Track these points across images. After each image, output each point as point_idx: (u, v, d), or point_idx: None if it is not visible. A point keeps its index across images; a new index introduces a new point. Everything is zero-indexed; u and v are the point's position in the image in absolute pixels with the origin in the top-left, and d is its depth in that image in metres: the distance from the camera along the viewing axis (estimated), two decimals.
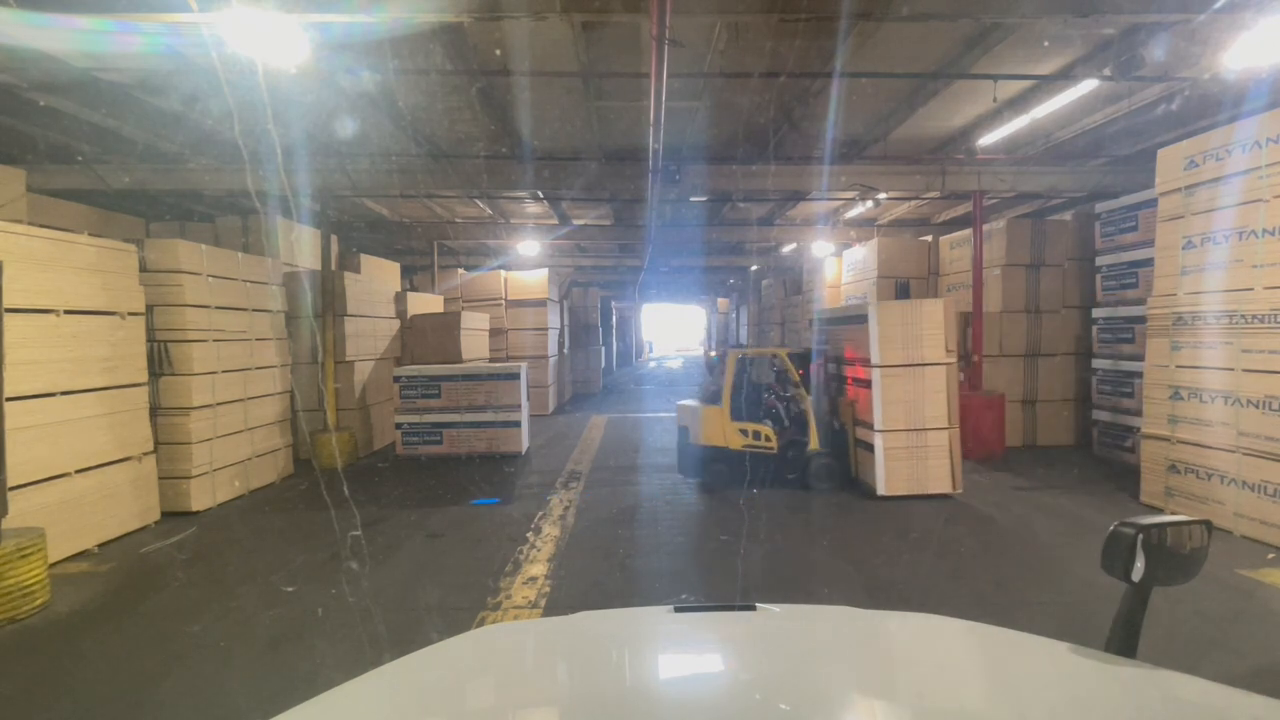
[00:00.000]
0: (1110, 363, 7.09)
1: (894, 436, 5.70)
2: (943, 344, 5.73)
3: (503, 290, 12.12)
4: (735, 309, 22.12)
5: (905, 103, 6.05)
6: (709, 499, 5.99)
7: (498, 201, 10.39)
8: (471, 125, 6.60)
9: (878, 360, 5.64)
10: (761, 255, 15.83)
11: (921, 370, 5.72)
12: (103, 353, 4.93)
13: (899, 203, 10.62)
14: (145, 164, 7.38)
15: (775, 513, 5.45)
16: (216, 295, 6.01)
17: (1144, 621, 1.00)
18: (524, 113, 6.19)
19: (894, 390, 5.70)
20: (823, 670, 1.02)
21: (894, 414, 5.69)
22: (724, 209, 10.84)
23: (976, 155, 6.99)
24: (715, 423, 6.17)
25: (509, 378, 8.02)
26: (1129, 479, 6.05)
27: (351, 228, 11.50)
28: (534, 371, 11.81)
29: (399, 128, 6.73)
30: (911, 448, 5.71)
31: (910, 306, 5.96)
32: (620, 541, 4.90)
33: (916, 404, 5.71)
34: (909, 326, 5.71)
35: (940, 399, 5.72)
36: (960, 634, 1.18)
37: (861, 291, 10.48)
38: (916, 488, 5.69)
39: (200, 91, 5.79)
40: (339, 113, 6.38)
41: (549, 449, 8.68)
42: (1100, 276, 7.26)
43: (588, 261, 16.16)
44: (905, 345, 5.69)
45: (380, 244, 12.68)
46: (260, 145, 7.29)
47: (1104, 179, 7.64)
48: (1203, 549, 1.01)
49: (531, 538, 4.90)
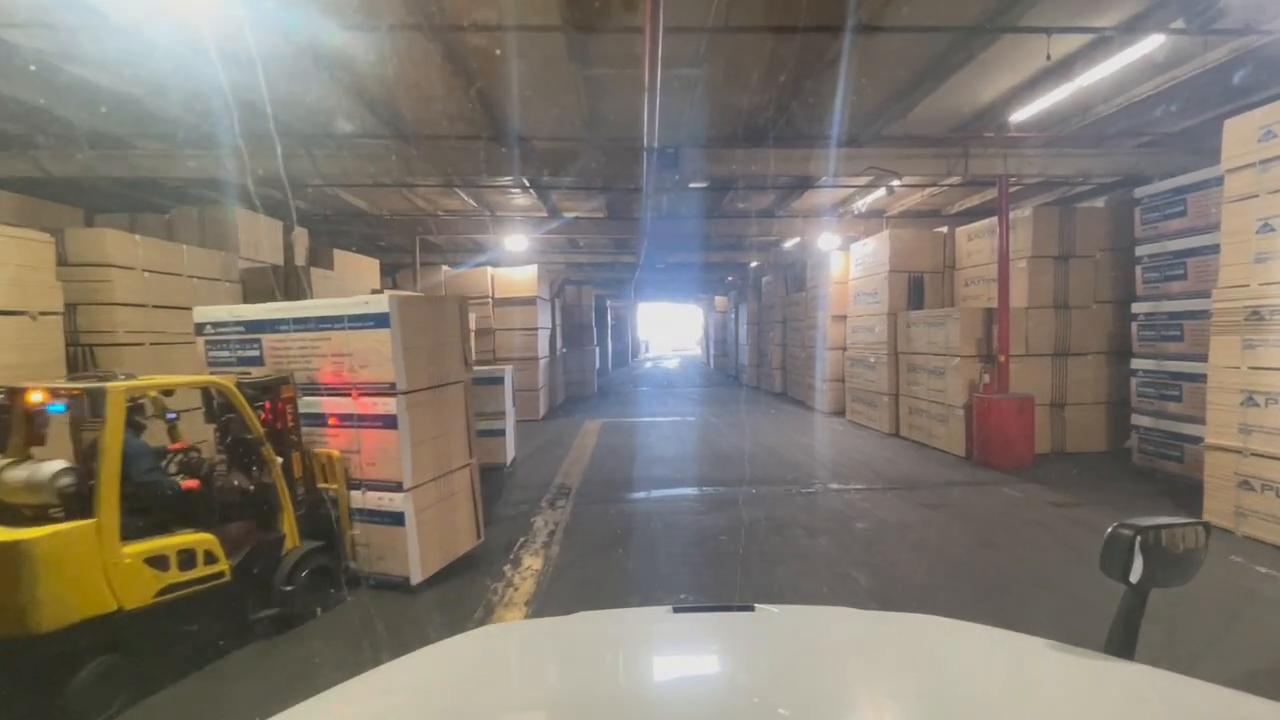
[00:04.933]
0: (1153, 363, 6.44)
1: (426, 493, 3.96)
2: (461, 354, 4.45)
3: (490, 288, 11.42)
4: (734, 308, 21.44)
5: (931, 72, 5.37)
6: (711, 517, 5.32)
7: (481, 192, 9.69)
8: (446, 102, 5.90)
9: (405, 384, 3.78)
10: (762, 251, 15.17)
11: (447, 391, 4.29)
12: (8, 359, 4.23)
13: (911, 193, 9.97)
14: (91, 150, 6.68)
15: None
16: (154, 293, 5.32)
17: (1142, 623, 1.01)
18: (503, 85, 5.50)
19: (424, 425, 3.97)
20: (821, 670, 1.02)
21: (425, 459, 3.98)
22: (724, 199, 10.17)
23: (1008, 131, 6.31)
24: (79, 563, 2.61)
25: (492, 382, 7.33)
26: (1184, 494, 5.40)
27: (328, 222, 10.79)
28: (524, 374, 11.13)
29: (364, 106, 6.03)
30: (443, 501, 4.16)
31: (434, 306, 4.60)
32: (612, 576, 4.22)
33: (446, 439, 4.23)
34: (437, 333, 4.21)
35: (461, 425, 4.45)
36: (959, 635, 1.16)
37: (872, 287, 9.83)
38: (448, 555, 4.15)
39: (137, 65, 5.09)
40: (297, 89, 5.68)
41: (537, 459, 7.99)
42: (1141, 268, 6.61)
43: (581, 258, 15.49)
44: (433, 359, 4.11)
45: (361, 240, 11.97)
46: (215, 128, 6.62)
47: (1139, 162, 6.99)
48: (1200, 550, 1.02)
49: (509, 572, 4.21)
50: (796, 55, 5.00)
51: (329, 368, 3.90)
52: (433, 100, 5.87)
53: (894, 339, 9.17)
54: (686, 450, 8.53)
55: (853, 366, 10.57)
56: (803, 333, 13.21)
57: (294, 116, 6.32)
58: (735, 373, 20.81)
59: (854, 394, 10.56)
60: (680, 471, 7.14)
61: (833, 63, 5.14)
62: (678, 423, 11.01)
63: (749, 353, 18.39)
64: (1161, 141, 6.84)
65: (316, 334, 3.88)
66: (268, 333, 4.02)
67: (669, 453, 8.33)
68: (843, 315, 11.11)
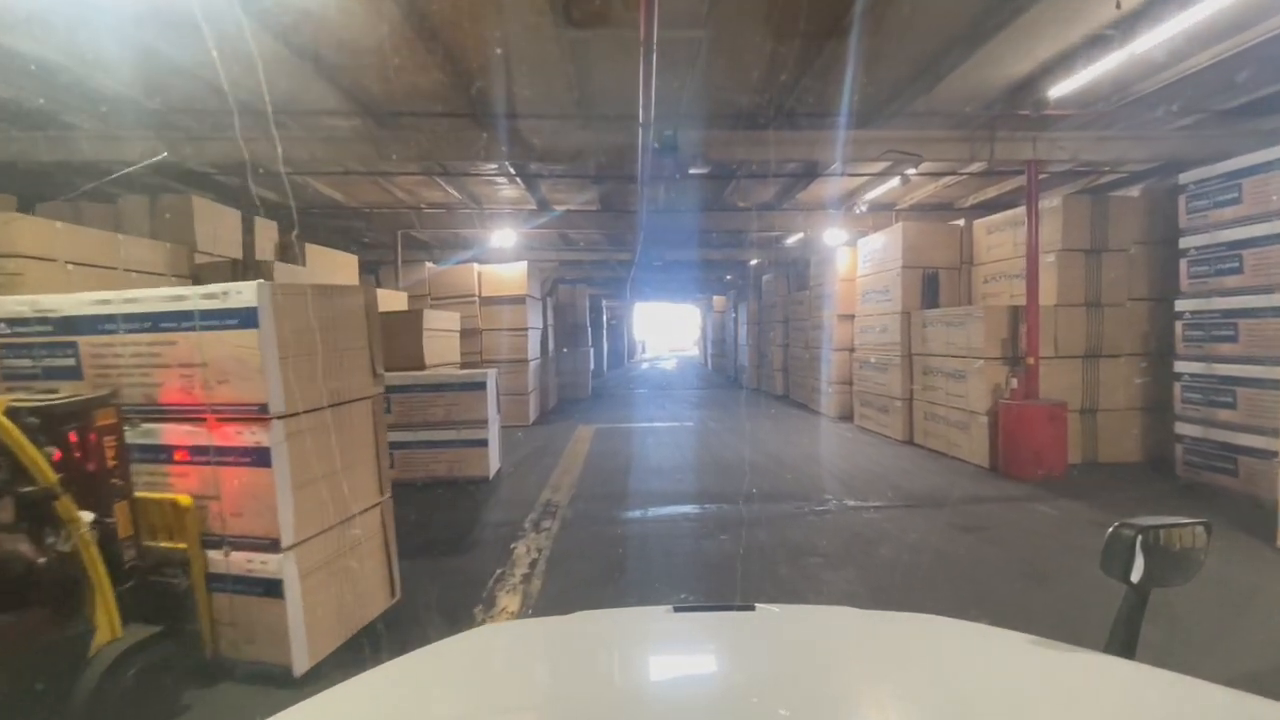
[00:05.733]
0: (1202, 365, 5.84)
1: (315, 550, 2.89)
2: (369, 360, 3.31)
3: (476, 286, 10.77)
4: (733, 307, 20.84)
5: (964, 38, 4.76)
6: (715, 542, 4.69)
7: (465, 183, 9.05)
8: (416, 74, 5.26)
9: (281, 405, 2.73)
10: (763, 248, 14.56)
11: (348, 412, 3.16)
12: None
13: (923, 184, 9.38)
14: (24, 132, 6.04)
15: None
16: (79, 289, 4.64)
17: (1143, 622, 1.01)
18: (479, 52, 4.86)
19: (311, 459, 2.88)
20: (822, 670, 1.01)
21: (313, 505, 2.90)
22: (725, 190, 9.54)
23: (1046, 108, 5.70)
24: None
25: (473, 388, 6.70)
26: (1246, 512, 4.79)
27: (309, 216, 10.12)
28: (512, 377, 10.50)
29: (325, 79, 5.40)
30: (341, 558, 3.06)
31: (327, 297, 3.10)
32: None
33: (345, 475, 3.08)
34: (333, 335, 3.04)
35: (369, 454, 3.31)
36: (960, 634, 1.14)
37: (882, 285, 9.22)
38: (349, 626, 3.09)
39: (68, 31, 4.45)
40: (250, 61, 5.03)
41: (524, 470, 7.35)
42: (1186, 261, 6.01)
43: (573, 256, 14.86)
44: (328, 369, 2.99)
45: (343, 235, 11.31)
46: (162, 105, 5.97)
47: (1181, 146, 6.40)
48: (1202, 550, 1.02)
49: (480, 615, 3.57)
50: (810, 19, 4.38)
51: (175, 383, 2.77)
52: (401, 72, 5.23)
53: (907, 339, 8.56)
54: (686, 459, 7.90)
55: (861, 369, 9.96)
56: (806, 333, 12.60)
57: (250, 94, 5.68)
58: (734, 374, 20.21)
59: (862, 398, 9.95)
60: (679, 485, 6.52)
61: (849, 29, 4.53)
62: (676, 428, 10.38)
63: (749, 354, 17.79)
64: (1205, 123, 6.25)
65: (157, 336, 2.76)
66: (88, 333, 2.87)
67: (667, 463, 7.70)
68: (850, 314, 10.51)
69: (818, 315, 11.77)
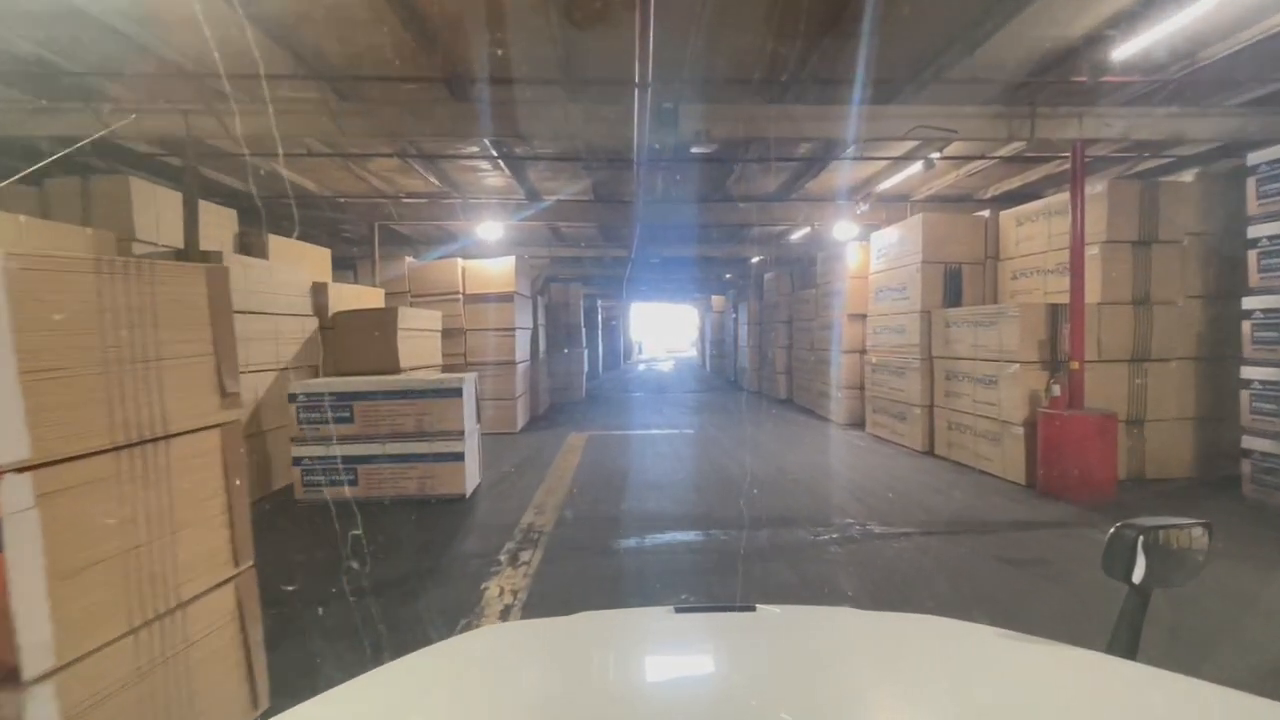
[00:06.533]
0: (1275, 371, 5.13)
1: (101, 669, 1.69)
2: (214, 371, 2.17)
3: (460, 282, 10.01)
4: (733, 307, 20.11)
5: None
6: (722, 580, 3.95)
7: (445, 170, 8.30)
8: (374, 31, 4.51)
9: (22, 450, 1.54)
10: (765, 244, 13.85)
11: (170, 451, 1.97)
12: None
13: (943, 173, 8.64)
14: None
15: None
16: None
17: (1144, 623, 0.99)
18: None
19: (89, 529, 1.70)
20: (823, 671, 0.99)
21: (95, 599, 1.70)
22: (727, 180, 8.81)
23: (1105, 73, 4.97)
24: None
25: (447, 394, 5.94)
26: None
27: (280, 206, 9.34)
28: (499, 381, 9.76)
29: (271, 38, 4.65)
30: (156, 669, 1.87)
31: (133, 276, 1.86)
32: None
33: (167, 543, 1.94)
34: (140, 331, 1.87)
35: (216, 507, 2.16)
36: (961, 635, 1.12)
37: (899, 281, 8.50)
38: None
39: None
40: (183, 14, 4.28)
41: (507, 486, 6.60)
42: (1257, 252, 5.30)
43: (566, 251, 14.12)
44: (128, 388, 1.83)
45: (321, 229, 10.52)
46: (87, 71, 5.21)
47: (1246, 124, 5.68)
48: (1203, 550, 1.02)
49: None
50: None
51: None
52: (358, 28, 4.48)
53: (928, 341, 7.85)
54: (686, 473, 7.17)
55: (875, 372, 9.23)
56: (812, 333, 11.88)
57: (185, 55, 4.92)
58: (734, 376, 19.48)
59: (876, 404, 9.23)
60: (680, 505, 5.78)
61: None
62: (674, 436, 9.63)
63: (750, 355, 17.07)
64: (1274, 98, 5.54)
65: None
66: None
67: (665, 477, 6.97)
68: (861, 314, 9.79)
69: (825, 315, 11.06)
